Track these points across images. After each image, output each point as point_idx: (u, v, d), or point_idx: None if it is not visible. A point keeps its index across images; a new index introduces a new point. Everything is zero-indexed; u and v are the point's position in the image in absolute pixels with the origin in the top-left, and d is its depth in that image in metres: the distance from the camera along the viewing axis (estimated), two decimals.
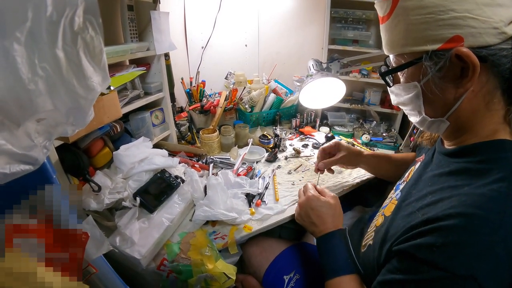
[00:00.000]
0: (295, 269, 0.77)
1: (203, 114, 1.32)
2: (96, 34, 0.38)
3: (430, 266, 0.37)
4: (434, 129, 0.50)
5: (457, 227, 0.37)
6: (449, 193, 0.42)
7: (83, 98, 0.39)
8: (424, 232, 0.40)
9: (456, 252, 0.36)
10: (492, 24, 0.38)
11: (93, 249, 0.46)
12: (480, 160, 0.43)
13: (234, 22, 1.45)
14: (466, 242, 0.36)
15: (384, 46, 0.50)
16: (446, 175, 0.46)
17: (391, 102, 0.57)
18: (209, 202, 0.80)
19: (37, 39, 0.31)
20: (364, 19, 1.33)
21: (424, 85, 0.45)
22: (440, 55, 0.41)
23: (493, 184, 0.38)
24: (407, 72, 0.47)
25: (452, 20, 0.39)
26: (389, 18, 0.46)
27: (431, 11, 0.40)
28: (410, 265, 0.40)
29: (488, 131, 0.44)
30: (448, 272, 0.36)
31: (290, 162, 1.16)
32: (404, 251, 0.41)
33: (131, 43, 0.89)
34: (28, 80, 0.31)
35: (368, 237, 0.61)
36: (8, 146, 0.31)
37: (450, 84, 0.43)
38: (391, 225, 0.50)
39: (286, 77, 1.60)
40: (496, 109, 0.43)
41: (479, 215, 0.36)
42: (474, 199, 0.38)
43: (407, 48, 0.44)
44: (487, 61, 0.40)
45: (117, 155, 0.80)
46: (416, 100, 0.48)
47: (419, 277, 0.39)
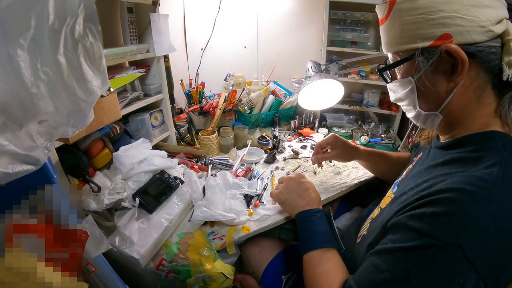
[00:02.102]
0: (293, 269, 0.78)
1: (202, 115, 1.33)
2: (96, 41, 0.39)
3: (419, 233, 0.39)
4: (429, 124, 0.53)
5: (448, 199, 0.39)
6: (443, 178, 0.44)
7: (83, 101, 0.40)
8: (416, 206, 0.42)
9: (445, 221, 0.38)
10: (478, 23, 0.41)
11: (92, 248, 0.46)
12: (472, 149, 0.45)
13: (233, 23, 1.46)
14: (455, 212, 0.37)
15: (383, 46, 0.54)
16: (440, 165, 0.48)
17: (390, 99, 0.60)
18: (207, 203, 0.81)
19: (40, 46, 0.33)
20: (362, 21, 1.34)
21: (417, 80, 0.48)
22: (431, 51, 0.44)
23: (485, 169, 0.41)
24: (402, 68, 0.51)
25: (441, 19, 0.42)
26: (387, 19, 0.50)
27: (422, 12, 0.44)
28: (401, 234, 0.42)
29: (480, 124, 0.46)
30: (435, 239, 0.37)
31: (289, 163, 1.17)
32: (397, 222, 0.44)
33: (130, 45, 0.90)
34: (31, 83, 0.32)
35: (364, 228, 0.62)
36: (11, 147, 0.32)
37: (442, 79, 0.46)
38: (386, 213, 0.52)
39: (285, 79, 1.61)
40: (487, 103, 0.46)
41: (470, 190, 0.38)
42: (466, 179, 0.40)
43: (402, 46, 0.48)
44: (476, 57, 0.43)
45: (117, 156, 0.81)
46: (411, 95, 0.51)
47: (407, 244, 0.40)
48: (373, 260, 0.44)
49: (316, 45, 1.53)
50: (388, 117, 1.47)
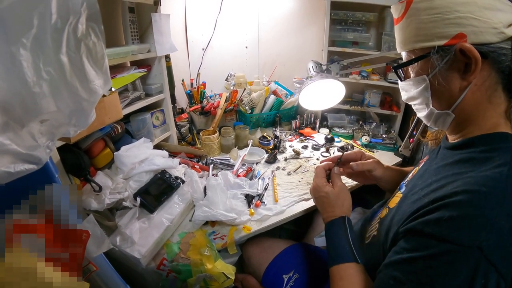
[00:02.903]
0: (294, 269, 0.78)
1: (204, 115, 1.33)
2: (98, 40, 0.39)
3: (437, 240, 0.39)
4: (440, 123, 0.54)
5: (463, 202, 0.39)
6: (454, 178, 0.44)
7: (85, 100, 0.40)
8: (431, 210, 0.42)
9: (462, 224, 0.38)
10: (492, 24, 0.43)
11: (93, 247, 0.46)
12: (483, 150, 0.46)
13: (234, 23, 1.46)
14: (471, 214, 0.38)
15: (398, 45, 0.55)
16: (450, 165, 0.49)
17: (402, 98, 0.60)
18: (208, 203, 0.81)
19: (42, 45, 0.33)
20: (364, 21, 1.34)
21: (432, 78, 0.49)
22: (446, 49, 0.46)
23: (495, 168, 0.41)
24: (417, 66, 0.52)
25: (457, 19, 0.44)
26: (403, 18, 0.51)
27: (439, 12, 0.45)
28: (418, 242, 0.41)
29: (490, 124, 0.47)
30: (455, 244, 0.37)
31: (290, 163, 1.17)
32: (412, 228, 0.43)
33: (132, 45, 0.90)
34: (33, 83, 0.32)
35: (372, 228, 0.62)
36: (13, 146, 0.32)
37: (455, 77, 0.47)
38: (397, 213, 0.51)
39: (286, 79, 1.61)
40: (498, 103, 0.47)
41: (483, 191, 0.39)
42: (478, 179, 0.41)
43: (418, 44, 0.49)
44: (488, 57, 0.44)
45: (118, 156, 0.81)
46: (424, 93, 0.52)
47: (426, 252, 0.39)
48: (391, 272, 0.43)
49: (317, 45, 1.53)
50: (389, 117, 1.47)
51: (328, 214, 0.65)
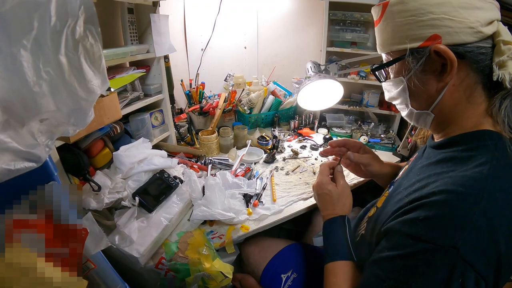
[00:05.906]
0: (292, 268, 0.78)
1: (202, 115, 1.34)
2: (96, 42, 0.40)
3: (414, 239, 0.40)
4: (422, 122, 0.54)
5: (439, 202, 0.39)
6: (435, 178, 0.45)
7: (83, 100, 0.41)
8: (409, 210, 0.43)
9: (438, 224, 0.38)
10: (468, 24, 0.42)
11: (92, 245, 0.47)
12: (464, 149, 0.46)
13: (233, 24, 1.47)
14: (447, 215, 0.38)
15: (378, 46, 0.55)
16: (434, 164, 0.49)
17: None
18: (207, 202, 0.82)
19: (42, 46, 0.33)
20: (362, 21, 1.35)
21: (408, 79, 0.50)
22: (421, 51, 0.46)
23: (476, 168, 0.41)
24: (394, 68, 0.53)
25: (431, 21, 0.44)
26: (380, 21, 0.51)
27: (413, 14, 0.45)
28: (396, 241, 0.43)
29: (472, 123, 0.47)
30: (430, 243, 0.38)
31: (288, 163, 1.18)
32: (391, 228, 0.44)
33: (131, 46, 0.91)
34: (33, 82, 0.33)
35: (361, 227, 0.63)
36: (13, 144, 0.33)
37: (432, 78, 0.47)
38: (382, 212, 0.53)
39: (285, 79, 1.62)
40: (477, 102, 0.47)
41: (460, 191, 0.39)
42: (457, 179, 0.41)
43: (393, 46, 0.50)
44: (465, 57, 0.44)
45: (117, 156, 0.82)
46: (403, 94, 0.53)
47: (404, 251, 0.40)
48: (373, 270, 0.45)
49: (316, 45, 1.54)
50: (388, 117, 1.48)
51: (328, 212, 0.66)
